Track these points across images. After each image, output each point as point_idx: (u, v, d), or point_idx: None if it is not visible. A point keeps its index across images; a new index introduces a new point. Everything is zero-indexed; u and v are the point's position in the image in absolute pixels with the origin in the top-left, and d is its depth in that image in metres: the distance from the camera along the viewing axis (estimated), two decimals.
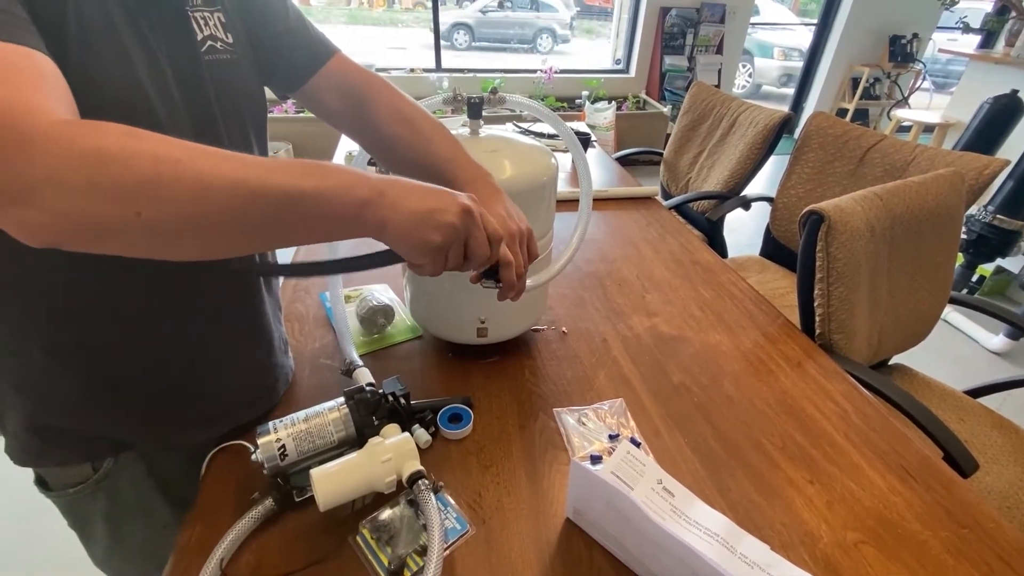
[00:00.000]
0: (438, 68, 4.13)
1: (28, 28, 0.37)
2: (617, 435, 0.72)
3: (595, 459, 0.68)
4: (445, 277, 0.55)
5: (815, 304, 1.03)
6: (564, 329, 0.94)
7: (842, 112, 4.90)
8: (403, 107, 0.66)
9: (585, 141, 1.81)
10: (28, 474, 0.63)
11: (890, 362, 1.36)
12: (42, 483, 0.62)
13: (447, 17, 7.42)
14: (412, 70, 4.05)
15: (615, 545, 0.57)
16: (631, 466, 0.66)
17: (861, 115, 4.95)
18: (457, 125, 0.78)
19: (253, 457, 0.58)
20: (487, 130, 0.77)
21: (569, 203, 1.28)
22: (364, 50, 6.31)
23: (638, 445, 0.70)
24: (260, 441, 0.58)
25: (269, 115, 0.64)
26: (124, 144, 0.35)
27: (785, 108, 5.24)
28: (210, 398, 0.64)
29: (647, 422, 0.75)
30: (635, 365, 0.86)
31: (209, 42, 0.54)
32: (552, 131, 2.02)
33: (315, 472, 0.55)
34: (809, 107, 5.06)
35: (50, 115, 0.34)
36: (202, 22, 0.54)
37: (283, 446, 0.58)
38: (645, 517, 0.48)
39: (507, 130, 1.98)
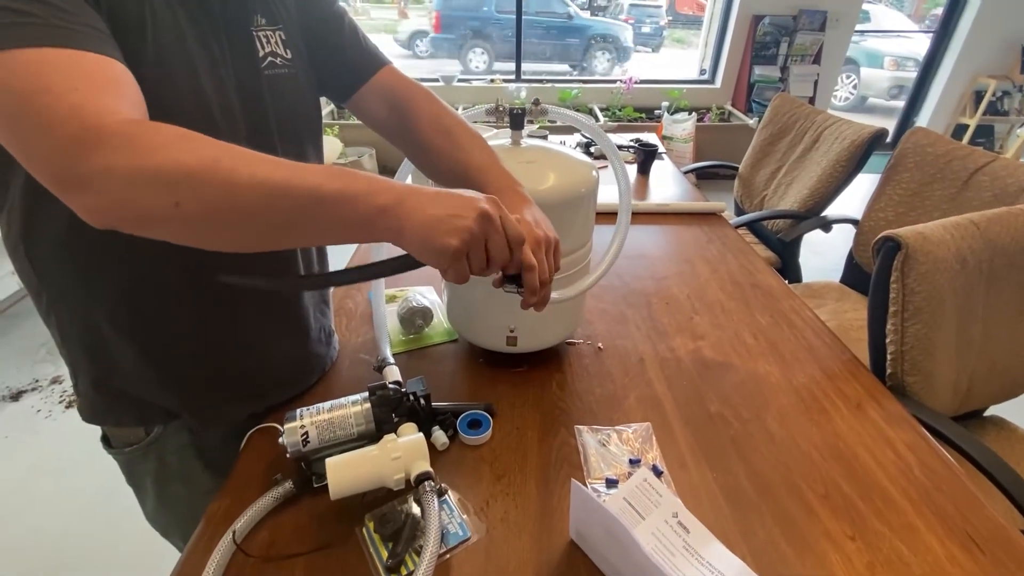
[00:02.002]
0: (518, 78, 4.19)
1: (108, 41, 0.43)
2: (638, 460, 0.69)
3: (611, 483, 0.66)
4: (477, 283, 0.55)
5: (887, 341, 0.93)
6: (600, 345, 0.91)
7: (962, 128, 4.39)
8: (444, 118, 0.68)
9: (651, 153, 1.76)
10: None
11: (986, 412, 1.20)
12: (106, 440, 0.70)
13: (406, 26, 7.30)
14: (492, 80, 4.15)
15: (614, 574, 0.55)
16: (646, 495, 0.63)
17: (985, 132, 4.41)
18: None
19: (280, 440, 0.62)
20: (529, 140, 0.78)
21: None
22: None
23: (659, 474, 0.67)
24: (286, 427, 0.62)
25: (353, 123, 0.68)
26: (172, 142, 0.40)
27: (892, 122, 4.74)
28: (243, 379, 0.69)
29: (674, 451, 0.72)
30: (670, 389, 0.82)
31: (270, 58, 0.59)
32: (618, 141, 1.98)
33: (330, 461, 0.58)
34: (922, 121, 4.58)
35: (117, 114, 0.39)
36: (264, 40, 0.59)
37: (306, 433, 0.62)
38: (639, 550, 0.46)
39: (574, 139, 1.98)
